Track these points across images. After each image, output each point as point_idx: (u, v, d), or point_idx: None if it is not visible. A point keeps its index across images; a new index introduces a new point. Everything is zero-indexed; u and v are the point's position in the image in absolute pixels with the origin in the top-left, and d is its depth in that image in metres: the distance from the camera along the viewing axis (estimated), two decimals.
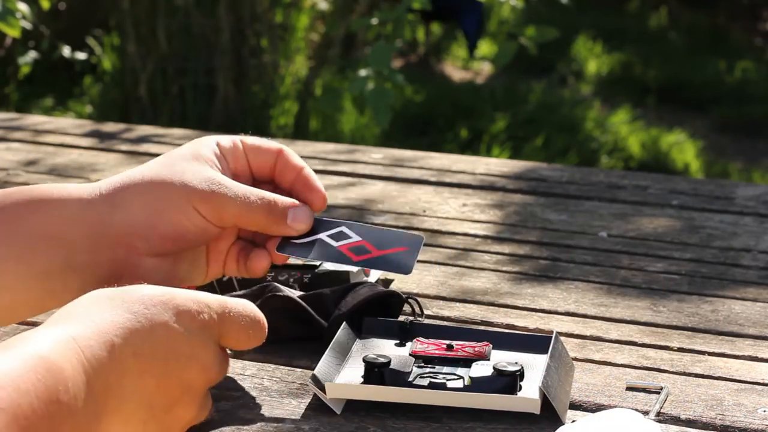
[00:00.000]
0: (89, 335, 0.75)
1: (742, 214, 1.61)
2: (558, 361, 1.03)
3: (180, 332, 0.80)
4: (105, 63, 4.88)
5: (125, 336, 0.77)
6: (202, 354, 0.81)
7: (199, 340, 0.81)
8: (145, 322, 0.78)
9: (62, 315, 0.78)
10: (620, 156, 4.77)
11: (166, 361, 0.79)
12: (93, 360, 0.75)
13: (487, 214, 1.60)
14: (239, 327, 0.84)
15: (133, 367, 0.77)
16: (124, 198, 0.93)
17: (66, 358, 0.73)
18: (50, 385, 0.70)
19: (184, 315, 0.80)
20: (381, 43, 3.61)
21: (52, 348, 0.73)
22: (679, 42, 6.64)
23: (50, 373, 0.71)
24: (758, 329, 1.21)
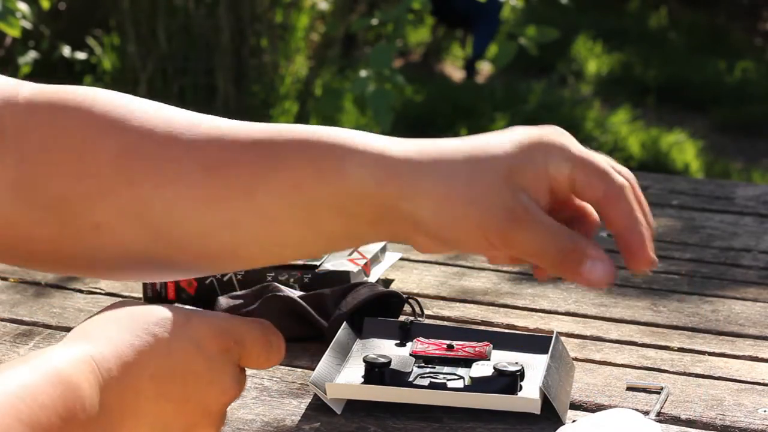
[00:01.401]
0: (106, 355, 0.75)
1: (742, 214, 1.61)
2: (558, 361, 1.03)
3: (199, 355, 0.78)
4: (105, 63, 4.87)
5: (142, 358, 0.76)
6: (221, 377, 0.80)
7: (219, 364, 0.80)
8: (163, 345, 0.77)
9: (79, 333, 0.77)
10: (620, 156, 4.76)
11: (185, 385, 0.78)
12: (109, 379, 0.74)
13: None
14: (259, 349, 0.82)
15: (150, 390, 0.76)
16: (417, 190, 0.82)
17: (83, 375, 0.73)
18: (69, 401, 0.70)
19: (204, 339, 0.79)
20: (382, 43, 3.61)
21: (70, 365, 0.72)
22: (679, 42, 6.64)
23: (69, 389, 0.71)
24: (758, 329, 1.21)
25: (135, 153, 0.83)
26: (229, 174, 0.83)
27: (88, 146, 0.83)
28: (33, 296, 1.27)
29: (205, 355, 0.78)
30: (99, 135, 0.83)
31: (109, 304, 1.14)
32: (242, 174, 0.83)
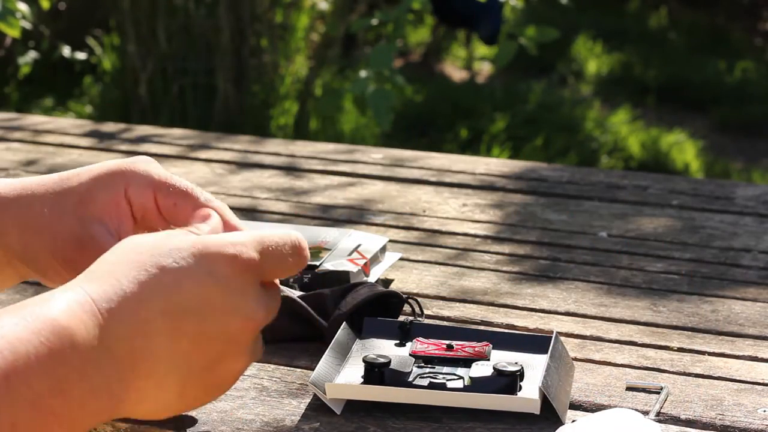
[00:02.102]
0: (110, 296, 0.71)
1: (742, 214, 1.61)
2: (558, 361, 1.03)
3: (213, 284, 0.74)
4: (105, 63, 4.88)
5: (150, 294, 0.72)
6: (242, 303, 0.75)
7: (238, 288, 0.75)
8: (172, 278, 0.73)
9: (87, 273, 0.73)
10: (620, 156, 4.76)
11: (201, 319, 0.73)
12: (113, 322, 0.70)
13: (487, 214, 1.60)
14: (280, 258, 0.78)
15: (163, 328, 0.72)
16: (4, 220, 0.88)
17: (79, 319, 0.69)
18: (55, 348, 0.67)
19: (219, 263, 0.74)
20: (382, 43, 3.61)
21: (64, 310, 0.69)
22: (679, 42, 6.64)
23: (56, 335, 0.68)
24: (758, 329, 1.21)
25: None
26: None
27: None
28: (33, 296, 1.27)
29: (220, 283, 0.74)
30: None
31: None
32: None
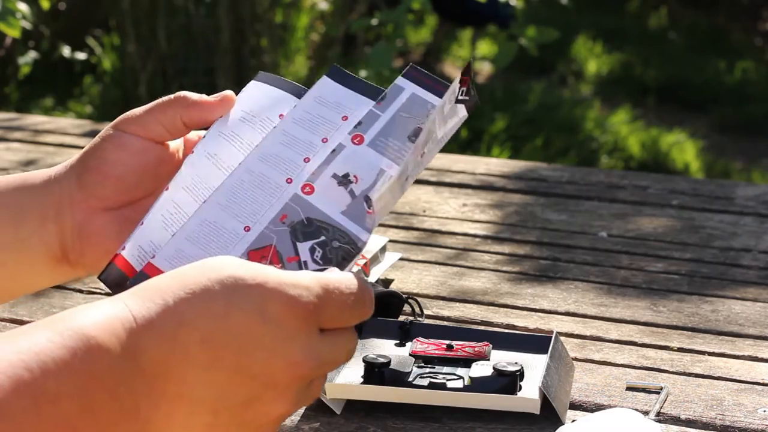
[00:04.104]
0: (152, 314, 0.68)
1: (742, 214, 1.61)
2: (558, 361, 1.03)
3: (262, 323, 0.70)
4: (105, 63, 4.88)
5: (194, 320, 0.69)
6: (289, 348, 0.71)
7: (288, 333, 0.71)
8: (221, 308, 0.69)
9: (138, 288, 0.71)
10: (620, 156, 4.76)
11: (240, 354, 0.70)
12: (150, 341, 0.68)
13: (487, 214, 1.60)
14: (342, 308, 0.73)
15: (200, 356, 0.69)
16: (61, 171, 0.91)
17: (116, 337, 0.67)
18: (88, 366, 0.65)
19: (274, 302, 0.71)
20: (382, 43, 3.61)
21: (101, 325, 0.67)
22: (679, 42, 6.64)
23: (90, 353, 0.65)
24: (758, 329, 1.21)
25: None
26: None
27: None
28: (33, 296, 1.27)
29: (269, 323, 0.70)
30: None
31: None
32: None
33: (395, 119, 0.88)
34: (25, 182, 0.90)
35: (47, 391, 0.64)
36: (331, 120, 0.91)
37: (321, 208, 0.85)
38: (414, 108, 0.88)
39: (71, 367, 0.65)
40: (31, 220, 0.89)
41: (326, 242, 0.84)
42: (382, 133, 0.88)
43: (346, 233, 0.84)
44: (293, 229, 0.85)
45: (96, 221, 0.89)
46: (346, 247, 0.84)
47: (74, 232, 0.89)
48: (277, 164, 0.89)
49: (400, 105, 0.89)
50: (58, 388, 0.64)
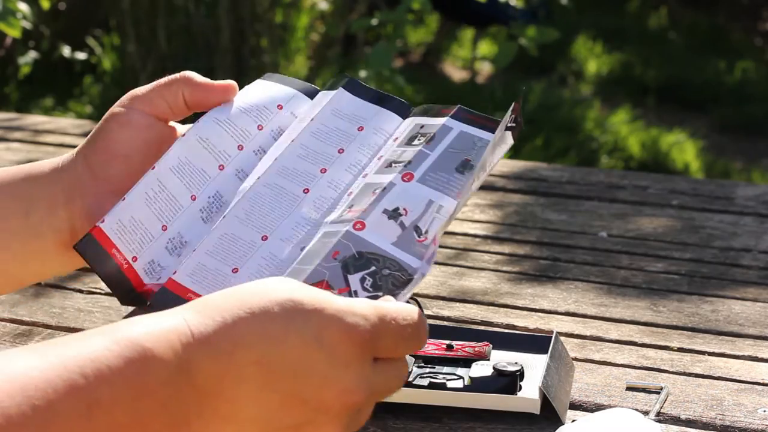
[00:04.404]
0: (210, 331, 0.68)
1: (742, 214, 1.61)
2: (558, 361, 1.03)
3: (318, 350, 0.70)
4: (105, 63, 4.88)
5: (252, 341, 0.68)
6: (343, 377, 0.70)
7: (342, 361, 0.71)
8: (279, 331, 0.69)
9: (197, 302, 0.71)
10: (620, 156, 4.76)
11: (295, 378, 0.69)
12: (206, 358, 0.68)
13: (487, 214, 1.60)
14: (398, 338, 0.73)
15: (254, 377, 0.69)
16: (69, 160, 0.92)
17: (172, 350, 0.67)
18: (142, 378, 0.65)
19: (331, 330, 0.70)
20: (382, 43, 3.61)
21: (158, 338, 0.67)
22: (679, 42, 6.64)
23: (145, 365, 0.65)
24: (758, 329, 1.21)
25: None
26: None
27: None
28: (33, 296, 1.27)
29: (325, 351, 0.70)
30: None
31: (107, 304, 1.14)
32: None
33: (443, 156, 0.91)
34: (32, 172, 0.91)
35: (101, 398, 0.64)
36: (347, 131, 0.93)
37: (372, 241, 0.87)
38: (462, 144, 0.91)
39: (126, 376, 0.65)
40: (40, 209, 0.90)
41: (376, 271, 0.85)
42: (431, 169, 0.90)
43: (396, 262, 0.86)
44: (345, 263, 0.86)
45: (105, 204, 0.90)
46: (397, 274, 0.85)
47: (84, 216, 0.90)
48: (294, 177, 0.92)
49: (449, 143, 0.91)
50: (112, 396, 0.64)
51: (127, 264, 0.90)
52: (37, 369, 0.62)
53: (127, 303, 0.91)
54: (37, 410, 0.61)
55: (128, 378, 0.65)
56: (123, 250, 0.90)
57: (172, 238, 0.90)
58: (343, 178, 0.92)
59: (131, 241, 0.90)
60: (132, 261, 0.90)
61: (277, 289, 0.71)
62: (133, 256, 0.90)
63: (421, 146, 0.91)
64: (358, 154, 0.93)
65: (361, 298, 0.76)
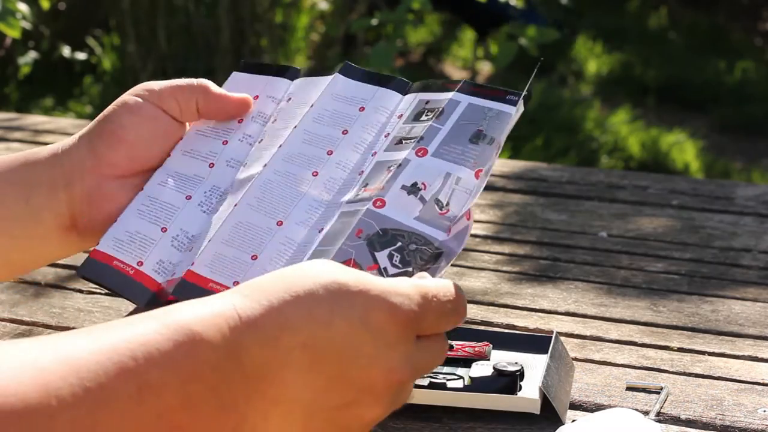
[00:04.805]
0: (257, 314, 0.69)
1: (742, 214, 1.61)
2: (558, 361, 1.03)
3: (365, 331, 0.70)
4: (105, 63, 4.88)
5: (298, 324, 0.69)
6: (389, 357, 0.71)
7: (388, 342, 0.71)
8: (325, 313, 0.70)
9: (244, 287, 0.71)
10: (620, 156, 4.76)
11: (341, 360, 0.70)
12: (253, 341, 0.68)
13: (487, 214, 1.60)
14: (441, 314, 0.74)
15: (301, 360, 0.69)
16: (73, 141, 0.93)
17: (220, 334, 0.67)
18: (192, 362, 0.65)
19: (377, 311, 0.71)
20: (382, 43, 3.61)
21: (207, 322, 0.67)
22: (679, 42, 6.64)
23: (195, 348, 0.66)
24: (758, 329, 1.21)
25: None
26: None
27: None
28: (33, 296, 1.27)
29: (372, 332, 0.71)
30: None
31: (107, 304, 1.14)
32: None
33: (455, 128, 0.91)
34: (30, 158, 0.92)
35: (151, 381, 0.64)
36: (348, 113, 0.94)
37: (394, 217, 0.87)
38: (472, 115, 0.91)
39: (175, 360, 0.65)
40: (40, 193, 0.91)
41: (403, 247, 0.85)
42: (444, 142, 0.90)
43: (421, 236, 0.86)
44: (370, 241, 0.86)
45: (106, 187, 0.91)
46: (424, 248, 0.85)
47: (84, 199, 0.91)
48: (301, 161, 0.93)
49: (459, 115, 0.92)
50: (162, 379, 0.64)
51: (133, 270, 0.91)
52: (87, 350, 0.63)
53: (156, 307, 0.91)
54: (88, 392, 0.61)
55: (178, 361, 0.65)
56: (125, 260, 0.91)
57: (176, 236, 0.91)
58: (351, 157, 0.92)
59: (132, 250, 0.91)
60: (138, 266, 0.90)
61: (322, 272, 0.72)
62: (138, 261, 0.90)
63: (431, 121, 0.91)
64: (363, 133, 0.93)
65: (402, 277, 0.76)
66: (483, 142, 0.89)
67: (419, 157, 0.89)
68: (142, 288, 0.90)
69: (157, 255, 0.90)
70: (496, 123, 0.90)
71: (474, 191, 0.87)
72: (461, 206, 0.87)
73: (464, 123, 0.91)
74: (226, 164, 0.93)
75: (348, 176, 0.91)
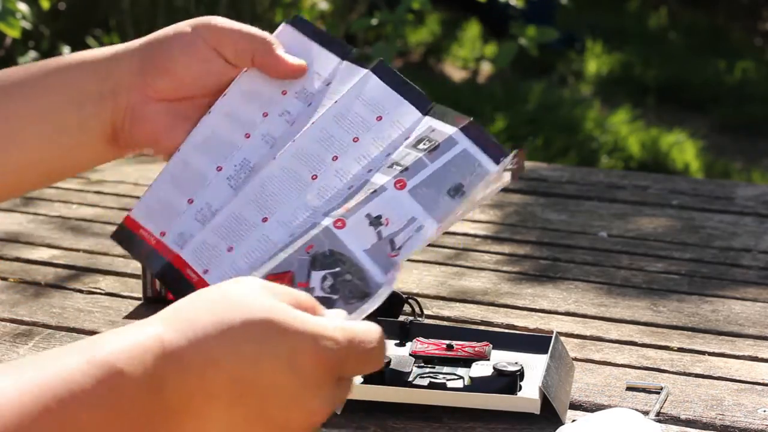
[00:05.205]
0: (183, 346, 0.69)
1: (742, 214, 1.61)
2: (558, 361, 1.03)
3: (290, 374, 0.70)
4: None
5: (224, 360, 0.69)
6: (311, 400, 0.71)
7: (311, 385, 0.71)
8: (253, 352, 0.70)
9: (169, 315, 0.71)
10: (620, 156, 4.76)
11: (264, 399, 0.70)
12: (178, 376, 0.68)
13: (487, 214, 1.60)
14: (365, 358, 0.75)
15: (224, 395, 0.69)
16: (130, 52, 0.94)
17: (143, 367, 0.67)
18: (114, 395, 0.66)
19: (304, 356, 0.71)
20: (382, 43, 3.61)
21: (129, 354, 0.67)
22: (679, 42, 6.64)
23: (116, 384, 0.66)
24: (758, 329, 1.21)
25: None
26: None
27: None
28: (33, 296, 1.27)
29: (298, 375, 0.71)
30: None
31: (107, 304, 1.14)
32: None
33: (440, 171, 0.91)
34: (86, 59, 0.94)
35: (73, 420, 0.64)
36: (366, 119, 0.94)
37: (346, 243, 0.88)
38: (462, 163, 0.91)
39: (98, 397, 0.65)
40: (90, 102, 0.92)
41: (340, 273, 0.86)
42: (424, 182, 0.90)
43: (361, 270, 0.87)
44: (314, 258, 0.87)
45: (148, 108, 0.93)
46: (357, 283, 0.86)
47: (127, 114, 0.93)
48: (307, 161, 0.93)
49: (450, 158, 0.91)
50: (84, 418, 0.65)
51: (155, 240, 0.92)
52: (11, 390, 0.63)
53: (168, 277, 0.92)
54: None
55: (101, 398, 0.65)
56: (150, 229, 0.93)
57: (200, 209, 0.92)
58: (351, 169, 0.92)
59: (158, 220, 0.93)
60: (160, 236, 0.92)
61: (254, 307, 0.71)
62: (161, 231, 0.92)
63: (423, 154, 0.91)
64: (370, 146, 0.93)
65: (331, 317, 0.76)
66: (458, 196, 0.89)
67: (396, 189, 0.89)
68: (158, 257, 0.91)
69: (179, 227, 0.92)
70: (478, 180, 0.90)
71: (426, 243, 0.88)
72: (409, 254, 0.87)
73: (451, 169, 0.90)
74: (262, 138, 0.94)
75: (342, 187, 0.91)
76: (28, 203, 1.61)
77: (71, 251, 1.41)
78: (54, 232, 1.49)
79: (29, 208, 1.59)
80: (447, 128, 0.92)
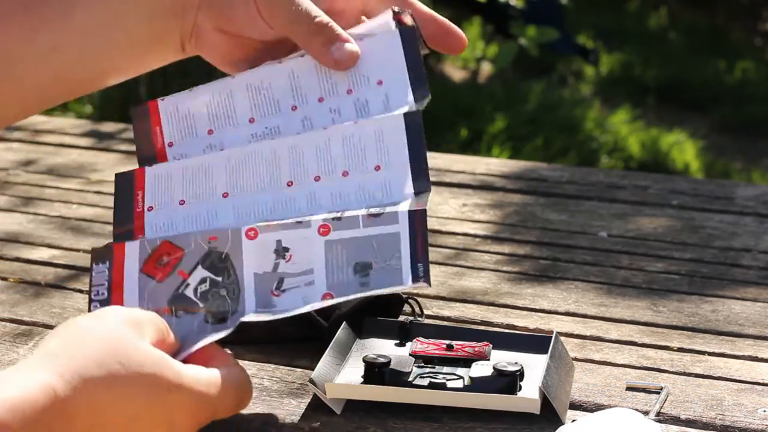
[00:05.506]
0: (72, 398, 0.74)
1: (742, 214, 1.61)
2: (558, 361, 1.03)
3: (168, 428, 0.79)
4: None
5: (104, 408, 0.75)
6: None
7: None
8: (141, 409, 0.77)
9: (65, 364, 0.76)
10: (620, 156, 4.76)
11: None
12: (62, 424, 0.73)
13: (486, 214, 1.61)
14: (232, 404, 0.85)
15: None
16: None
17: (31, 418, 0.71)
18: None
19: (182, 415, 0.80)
20: None
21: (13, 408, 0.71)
22: (679, 42, 6.64)
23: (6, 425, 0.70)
24: (758, 329, 1.21)
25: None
26: (46, 3, 0.91)
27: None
28: (33, 296, 1.27)
29: (173, 429, 0.79)
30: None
31: None
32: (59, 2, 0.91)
33: (364, 240, 0.88)
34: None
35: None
36: (364, 158, 0.91)
37: (244, 255, 0.86)
38: (386, 244, 0.88)
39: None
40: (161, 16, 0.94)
41: (218, 284, 0.86)
42: (344, 243, 0.87)
43: (238, 292, 0.86)
44: (209, 253, 0.86)
45: (212, 36, 0.95)
46: (227, 302, 0.86)
47: (193, 34, 0.96)
48: (295, 164, 0.90)
49: (379, 233, 0.88)
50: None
51: (161, 145, 0.93)
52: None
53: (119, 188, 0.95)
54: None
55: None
56: (165, 132, 0.93)
57: (213, 144, 0.91)
58: (322, 201, 0.90)
59: (176, 128, 0.93)
60: (168, 146, 0.92)
61: (145, 361, 0.77)
62: (170, 141, 0.92)
63: (363, 215, 0.88)
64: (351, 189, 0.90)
65: (208, 370, 0.82)
66: (360, 276, 0.87)
67: (318, 232, 0.87)
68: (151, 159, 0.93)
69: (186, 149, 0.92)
70: (385, 278, 0.87)
71: (306, 307, 0.87)
72: (288, 307, 0.86)
73: (374, 245, 0.87)
74: (302, 120, 0.93)
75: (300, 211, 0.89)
76: (28, 203, 1.61)
77: (71, 251, 1.41)
78: (54, 232, 1.49)
79: (29, 208, 1.59)
80: (406, 191, 0.89)
